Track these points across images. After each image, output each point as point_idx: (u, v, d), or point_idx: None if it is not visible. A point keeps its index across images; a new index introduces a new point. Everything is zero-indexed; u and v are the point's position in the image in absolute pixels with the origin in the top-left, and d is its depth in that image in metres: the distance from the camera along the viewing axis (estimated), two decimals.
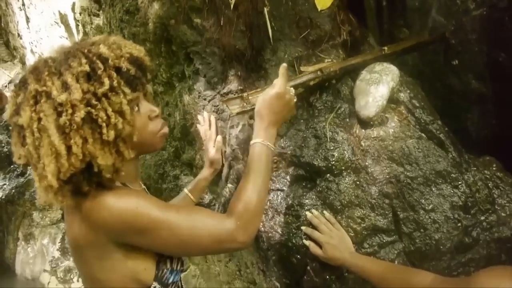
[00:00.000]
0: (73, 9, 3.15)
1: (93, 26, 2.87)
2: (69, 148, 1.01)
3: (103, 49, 1.06)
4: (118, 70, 1.06)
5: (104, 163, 1.04)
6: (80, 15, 3.05)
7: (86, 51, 1.06)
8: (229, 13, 1.95)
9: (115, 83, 1.04)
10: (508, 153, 1.99)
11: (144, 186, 1.41)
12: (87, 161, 1.03)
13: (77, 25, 3.19)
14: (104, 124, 1.02)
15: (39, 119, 1.00)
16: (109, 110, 1.03)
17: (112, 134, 1.03)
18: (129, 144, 1.10)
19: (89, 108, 1.01)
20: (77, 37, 3.29)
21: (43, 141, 1.00)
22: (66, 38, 3.53)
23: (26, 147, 1.03)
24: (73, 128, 1.00)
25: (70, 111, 1.00)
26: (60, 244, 4.29)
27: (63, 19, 3.39)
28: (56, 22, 3.61)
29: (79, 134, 1.01)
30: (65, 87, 1.01)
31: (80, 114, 1.00)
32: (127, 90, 1.06)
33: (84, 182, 1.06)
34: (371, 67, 1.80)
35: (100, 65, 1.03)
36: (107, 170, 1.06)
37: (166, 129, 1.24)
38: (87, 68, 1.02)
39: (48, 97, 1.01)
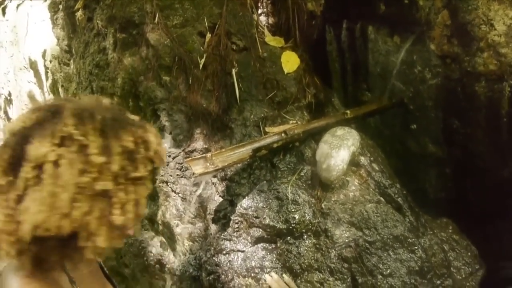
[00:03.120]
0: (43, 56, 3.16)
1: (62, 75, 2.87)
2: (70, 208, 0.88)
3: (151, 137, 1.01)
4: (151, 163, 1.01)
5: (101, 245, 0.93)
6: (50, 62, 3.06)
7: (134, 129, 1.00)
8: (198, 73, 2.00)
9: (146, 174, 0.98)
10: (463, 215, 2.07)
11: (100, 261, 1.31)
12: (74, 231, 0.90)
13: (46, 72, 3.19)
14: (118, 206, 0.93)
15: (55, 163, 0.87)
16: (131, 196, 0.95)
17: (121, 219, 0.94)
18: (124, 235, 1.01)
19: (112, 183, 0.92)
20: (46, 84, 3.27)
21: (44, 186, 0.86)
22: (35, 83, 3.51)
23: (10, 177, 0.88)
24: (87, 193, 0.89)
25: (95, 175, 0.90)
26: None
27: (33, 64, 3.39)
28: (25, 67, 3.59)
29: (88, 201, 0.90)
30: (107, 152, 0.92)
31: (102, 184, 0.90)
32: (149, 185, 1.01)
33: (55, 251, 0.93)
34: (333, 131, 1.86)
35: (143, 151, 0.98)
36: (94, 251, 0.94)
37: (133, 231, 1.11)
38: (132, 146, 0.97)
39: (81, 150, 0.90)
